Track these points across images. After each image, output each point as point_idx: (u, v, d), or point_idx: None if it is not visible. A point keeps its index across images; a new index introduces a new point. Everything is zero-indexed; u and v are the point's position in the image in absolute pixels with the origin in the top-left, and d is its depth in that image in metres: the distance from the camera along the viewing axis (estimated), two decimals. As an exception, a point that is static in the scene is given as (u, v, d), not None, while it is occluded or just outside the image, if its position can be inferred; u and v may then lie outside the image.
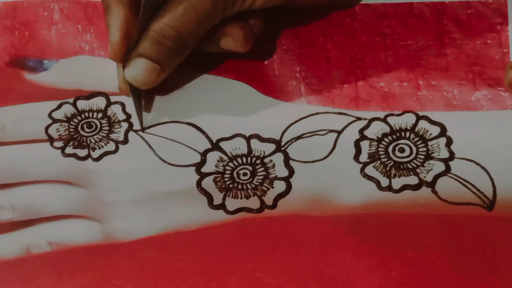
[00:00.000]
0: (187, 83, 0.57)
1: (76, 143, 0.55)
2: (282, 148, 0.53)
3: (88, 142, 0.55)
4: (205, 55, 0.57)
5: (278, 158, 0.53)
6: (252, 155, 0.53)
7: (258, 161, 0.53)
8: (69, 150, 0.54)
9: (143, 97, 0.56)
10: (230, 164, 0.53)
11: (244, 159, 0.53)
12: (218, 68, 0.58)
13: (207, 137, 0.54)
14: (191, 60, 0.55)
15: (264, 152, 0.53)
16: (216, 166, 0.53)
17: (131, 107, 0.56)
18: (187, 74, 0.58)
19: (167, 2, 0.52)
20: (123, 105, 0.56)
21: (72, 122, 0.56)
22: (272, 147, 0.53)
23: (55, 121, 0.56)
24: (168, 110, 0.56)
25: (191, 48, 0.54)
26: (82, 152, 0.54)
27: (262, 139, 0.54)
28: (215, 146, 0.54)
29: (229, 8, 0.53)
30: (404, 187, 0.50)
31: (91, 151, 0.54)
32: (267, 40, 0.58)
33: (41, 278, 0.49)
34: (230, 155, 0.53)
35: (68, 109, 0.56)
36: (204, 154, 0.53)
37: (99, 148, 0.54)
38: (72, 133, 0.55)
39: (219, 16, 0.53)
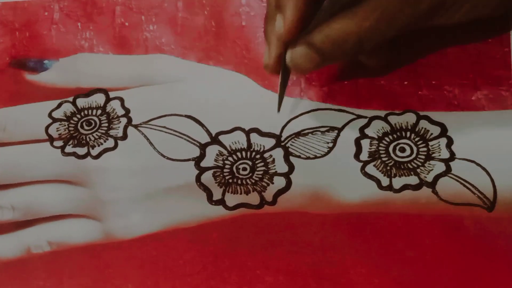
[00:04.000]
0: (186, 73, 0.57)
1: (75, 142, 0.54)
2: (282, 143, 0.53)
3: (88, 140, 0.54)
4: None
5: (278, 153, 0.53)
6: (251, 149, 0.53)
7: (258, 156, 0.53)
8: (69, 149, 0.54)
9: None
10: (230, 158, 0.53)
11: (243, 153, 0.53)
12: (217, 59, 0.58)
13: (206, 130, 0.54)
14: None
15: (264, 146, 0.53)
16: (216, 160, 0.53)
17: (130, 102, 0.56)
18: (186, 65, 0.57)
19: (357, 5, 0.47)
20: (122, 100, 0.56)
21: (72, 121, 0.55)
22: (272, 142, 0.53)
23: (55, 120, 0.55)
24: (167, 102, 0.56)
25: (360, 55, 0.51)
26: (81, 151, 0.54)
27: (262, 134, 0.54)
28: (214, 139, 0.54)
29: (422, 21, 0.49)
30: (405, 187, 0.50)
31: (90, 149, 0.54)
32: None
33: (41, 278, 0.49)
34: (229, 149, 0.53)
35: (67, 108, 0.56)
36: (203, 147, 0.53)
37: (98, 146, 0.54)
38: (72, 132, 0.55)
39: (406, 27, 0.49)
